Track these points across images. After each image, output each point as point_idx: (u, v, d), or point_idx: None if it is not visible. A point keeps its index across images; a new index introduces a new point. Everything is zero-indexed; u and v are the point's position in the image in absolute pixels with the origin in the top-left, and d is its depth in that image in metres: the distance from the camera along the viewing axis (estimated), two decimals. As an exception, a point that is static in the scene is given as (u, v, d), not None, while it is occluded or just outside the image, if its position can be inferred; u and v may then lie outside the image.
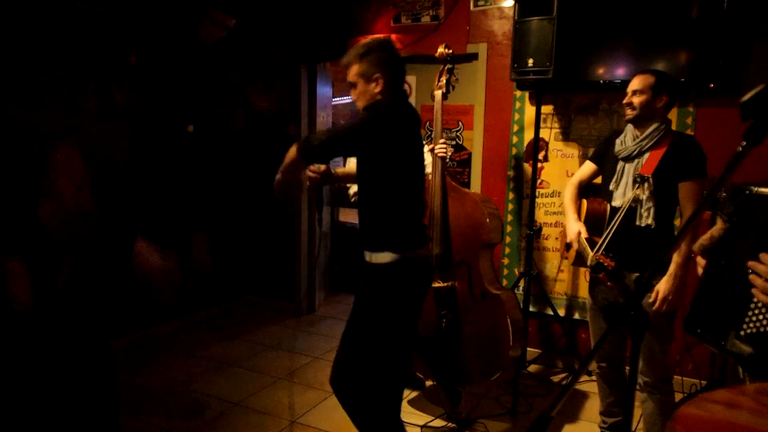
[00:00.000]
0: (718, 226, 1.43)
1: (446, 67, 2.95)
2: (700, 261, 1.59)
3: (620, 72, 3.24)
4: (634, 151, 2.38)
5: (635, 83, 2.39)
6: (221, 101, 4.58)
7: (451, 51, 2.97)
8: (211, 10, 3.99)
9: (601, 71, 3.29)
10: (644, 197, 2.32)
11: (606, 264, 2.28)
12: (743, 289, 1.31)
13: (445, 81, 2.93)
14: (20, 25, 3.17)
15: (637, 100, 2.36)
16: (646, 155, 2.36)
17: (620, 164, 2.43)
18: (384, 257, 2.02)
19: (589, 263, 2.39)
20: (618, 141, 2.48)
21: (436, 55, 2.97)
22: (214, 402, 3.18)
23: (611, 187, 2.45)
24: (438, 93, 2.93)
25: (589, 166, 2.66)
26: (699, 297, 1.50)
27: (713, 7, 2.92)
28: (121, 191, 3.78)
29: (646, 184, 2.30)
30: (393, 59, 2.05)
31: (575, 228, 2.52)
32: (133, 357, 3.73)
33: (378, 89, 2.04)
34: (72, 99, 3.47)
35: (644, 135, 2.36)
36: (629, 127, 2.45)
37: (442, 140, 2.89)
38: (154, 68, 3.97)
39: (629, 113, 2.40)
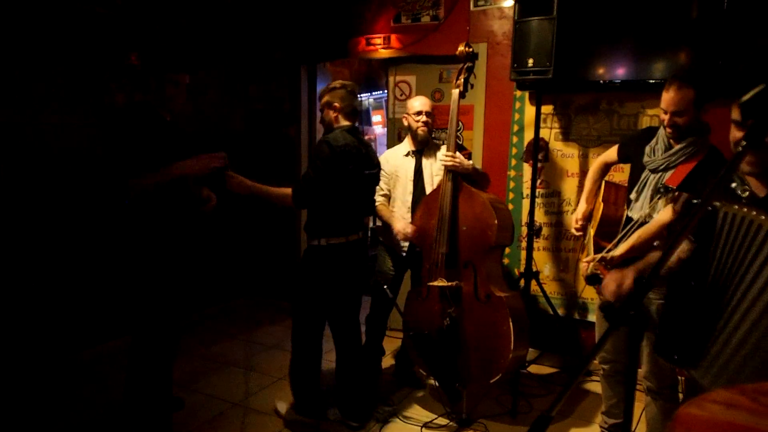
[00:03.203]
0: (685, 247, 1.38)
1: (466, 66, 2.90)
2: None
3: (620, 72, 3.25)
4: (662, 165, 2.28)
5: (674, 101, 2.19)
6: (221, 101, 4.58)
7: (471, 49, 2.90)
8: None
9: (601, 71, 3.29)
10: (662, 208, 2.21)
11: (602, 276, 2.17)
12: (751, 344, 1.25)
13: (463, 80, 2.90)
14: (20, 25, 3.17)
15: (681, 120, 2.19)
16: (675, 168, 2.25)
17: (645, 173, 2.34)
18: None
19: (588, 272, 2.26)
20: (648, 149, 2.36)
21: (456, 53, 2.92)
22: (214, 402, 3.18)
23: (632, 195, 2.37)
24: (455, 92, 2.90)
25: (614, 153, 2.62)
26: (671, 320, 1.43)
27: (713, 7, 2.92)
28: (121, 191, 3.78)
29: (669, 195, 2.18)
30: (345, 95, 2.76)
31: (581, 208, 2.56)
32: (133, 357, 3.73)
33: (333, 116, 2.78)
34: (72, 99, 3.47)
35: (677, 149, 2.25)
36: (662, 133, 2.32)
37: (450, 153, 2.84)
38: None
39: (671, 133, 2.25)
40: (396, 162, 3.30)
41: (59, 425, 2.91)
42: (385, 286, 3.12)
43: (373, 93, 6.58)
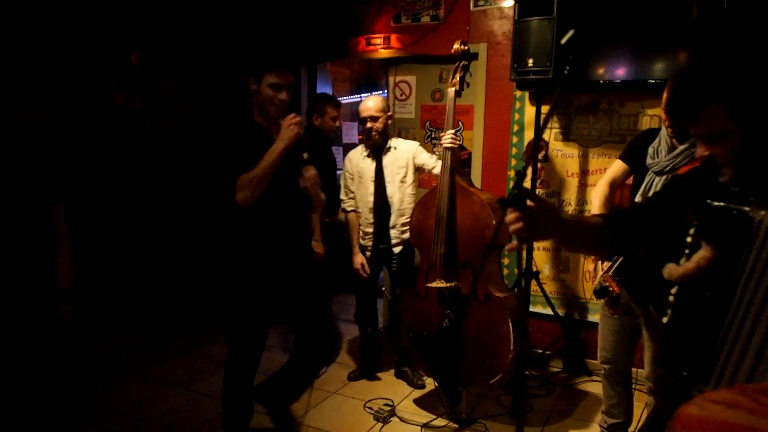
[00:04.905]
0: (706, 254, 1.25)
1: (461, 64, 2.88)
2: None
3: (620, 72, 3.25)
4: (667, 167, 2.25)
5: None
6: (221, 101, 4.57)
7: (467, 48, 2.89)
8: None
9: (601, 71, 3.29)
10: None
11: (611, 289, 2.16)
12: None
13: (459, 78, 2.87)
14: (20, 25, 3.17)
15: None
16: (680, 169, 2.22)
17: (650, 175, 2.32)
18: None
19: (595, 284, 2.28)
20: (651, 150, 2.33)
21: (452, 51, 2.90)
22: (214, 402, 3.17)
23: (637, 198, 2.35)
24: (451, 90, 2.88)
25: (620, 165, 2.52)
26: (681, 334, 1.33)
27: (713, 7, 2.92)
28: (121, 191, 3.79)
29: None
30: None
31: None
32: (133, 358, 3.73)
33: None
34: (72, 99, 3.47)
35: (681, 150, 2.22)
36: (664, 133, 2.31)
37: (450, 131, 2.85)
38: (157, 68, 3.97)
39: (673, 134, 2.22)
40: (358, 163, 3.30)
41: (62, 426, 2.91)
42: (383, 288, 3.12)
43: (373, 93, 6.59)
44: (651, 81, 3.14)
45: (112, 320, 3.79)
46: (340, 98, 6.28)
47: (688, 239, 1.32)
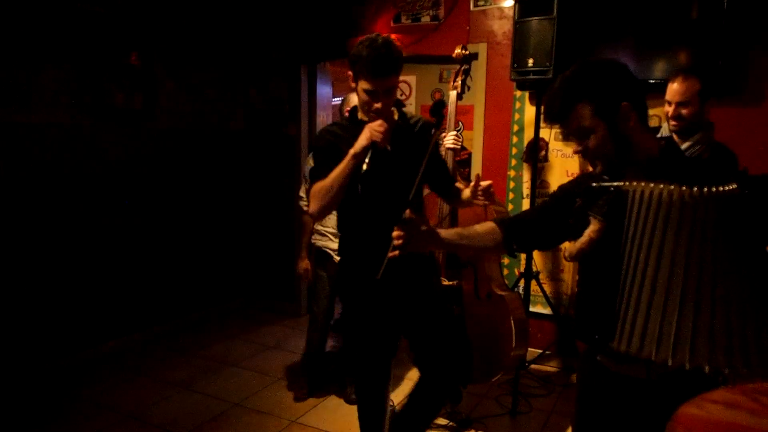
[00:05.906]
0: (594, 227, 1.39)
1: (462, 68, 2.91)
2: None
3: (620, 72, 3.25)
4: None
5: (680, 91, 2.18)
6: (221, 101, 4.58)
7: (467, 52, 2.93)
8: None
9: (601, 71, 3.29)
10: None
11: None
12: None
13: (460, 82, 2.91)
14: (20, 25, 3.17)
15: (686, 112, 2.17)
16: None
17: None
18: None
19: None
20: None
21: (453, 55, 2.93)
22: (214, 402, 3.18)
23: None
24: (453, 93, 2.92)
25: None
26: (587, 302, 1.45)
27: (713, 7, 2.92)
28: (121, 191, 3.79)
29: None
30: None
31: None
32: (133, 357, 3.73)
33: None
34: (72, 99, 3.47)
35: (683, 149, 2.20)
36: (665, 128, 2.29)
37: (453, 132, 2.88)
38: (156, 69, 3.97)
39: (675, 125, 2.21)
40: None
41: (62, 426, 2.91)
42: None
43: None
44: (651, 81, 3.13)
45: (113, 320, 3.79)
46: (339, 98, 6.29)
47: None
